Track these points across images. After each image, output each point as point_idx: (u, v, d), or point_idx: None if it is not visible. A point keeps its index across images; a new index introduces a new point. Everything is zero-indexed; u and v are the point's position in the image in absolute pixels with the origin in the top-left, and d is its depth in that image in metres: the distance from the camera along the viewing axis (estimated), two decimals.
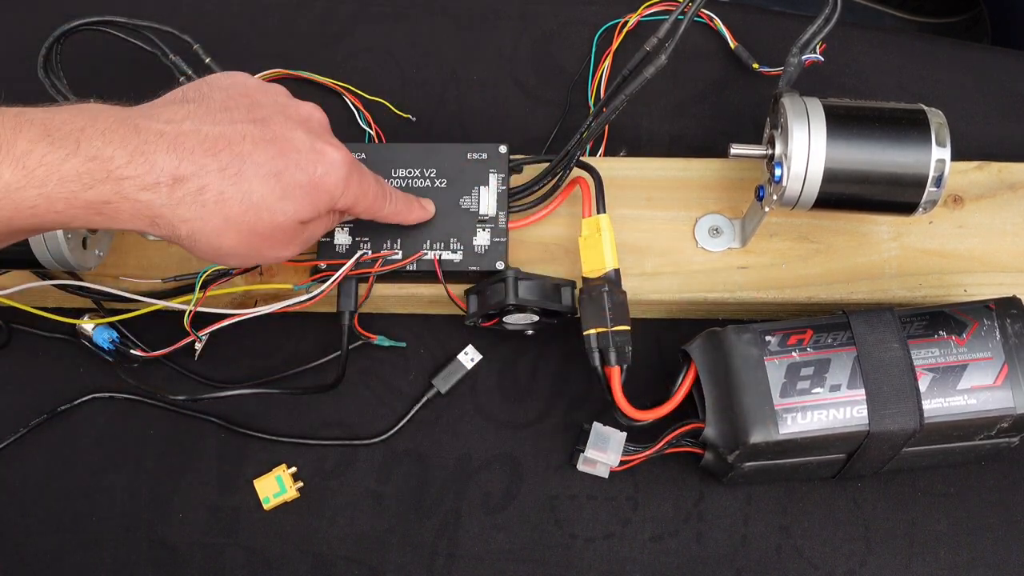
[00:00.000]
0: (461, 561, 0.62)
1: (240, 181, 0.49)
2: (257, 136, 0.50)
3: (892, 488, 0.63)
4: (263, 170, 0.49)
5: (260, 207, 0.50)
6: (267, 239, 0.51)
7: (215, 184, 0.48)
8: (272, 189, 0.50)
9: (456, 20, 0.78)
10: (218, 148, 0.49)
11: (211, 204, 0.48)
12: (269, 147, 0.50)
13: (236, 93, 0.52)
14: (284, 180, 0.50)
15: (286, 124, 0.52)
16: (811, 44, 0.63)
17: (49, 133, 0.45)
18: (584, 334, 0.59)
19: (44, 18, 0.76)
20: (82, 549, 0.63)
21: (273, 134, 0.51)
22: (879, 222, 0.66)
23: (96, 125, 0.46)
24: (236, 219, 0.50)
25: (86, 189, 0.46)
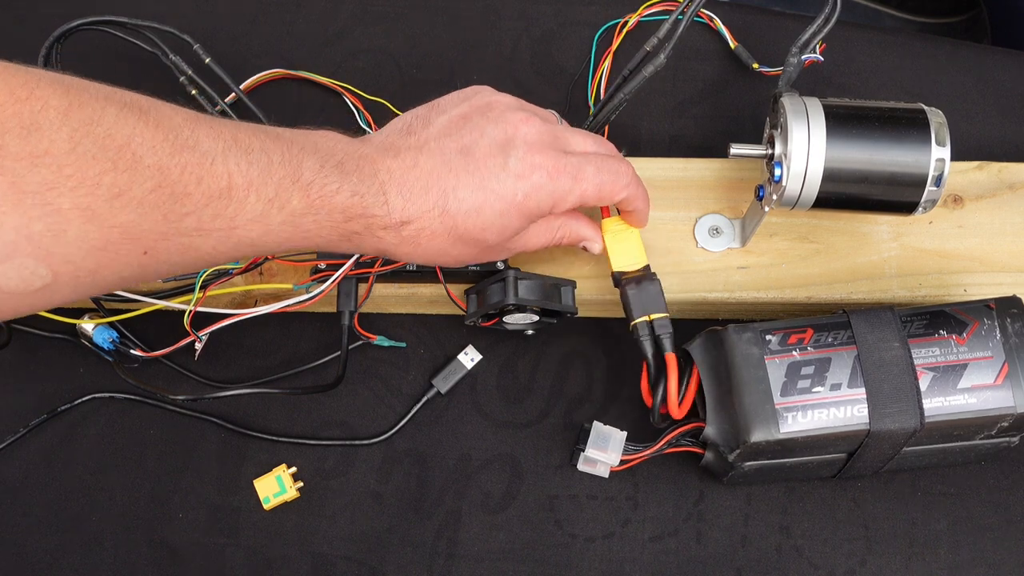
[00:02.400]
0: (461, 561, 0.62)
1: (445, 218, 0.52)
2: (460, 168, 0.52)
3: (892, 488, 0.63)
4: (465, 206, 0.52)
5: (467, 240, 0.53)
6: (477, 257, 0.55)
7: (428, 225, 0.52)
8: (475, 222, 0.52)
9: (456, 20, 0.78)
10: (430, 186, 0.51)
11: (425, 241, 0.52)
12: (471, 179, 0.52)
13: (457, 114, 0.54)
14: (484, 212, 0.52)
15: (490, 150, 0.53)
16: (811, 44, 0.63)
17: (323, 166, 0.49)
18: (635, 322, 0.59)
19: (44, 18, 0.76)
20: (82, 549, 0.63)
21: (475, 164, 0.52)
22: (879, 222, 0.66)
23: (349, 159, 0.50)
24: (445, 251, 0.53)
25: (347, 220, 0.50)
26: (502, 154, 0.53)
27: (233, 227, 0.46)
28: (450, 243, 0.53)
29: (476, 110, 0.54)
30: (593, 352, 0.66)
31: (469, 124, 0.54)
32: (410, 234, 0.51)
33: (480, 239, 0.53)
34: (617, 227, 0.62)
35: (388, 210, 0.50)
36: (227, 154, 0.46)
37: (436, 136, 0.53)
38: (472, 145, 0.53)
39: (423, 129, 0.54)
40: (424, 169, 0.52)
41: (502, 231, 0.53)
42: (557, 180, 0.53)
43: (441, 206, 0.51)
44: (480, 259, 0.56)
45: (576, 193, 0.54)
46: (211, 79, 0.68)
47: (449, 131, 0.53)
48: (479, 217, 0.52)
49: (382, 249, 0.52)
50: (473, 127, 0.54)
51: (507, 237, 0.54)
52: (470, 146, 0.53)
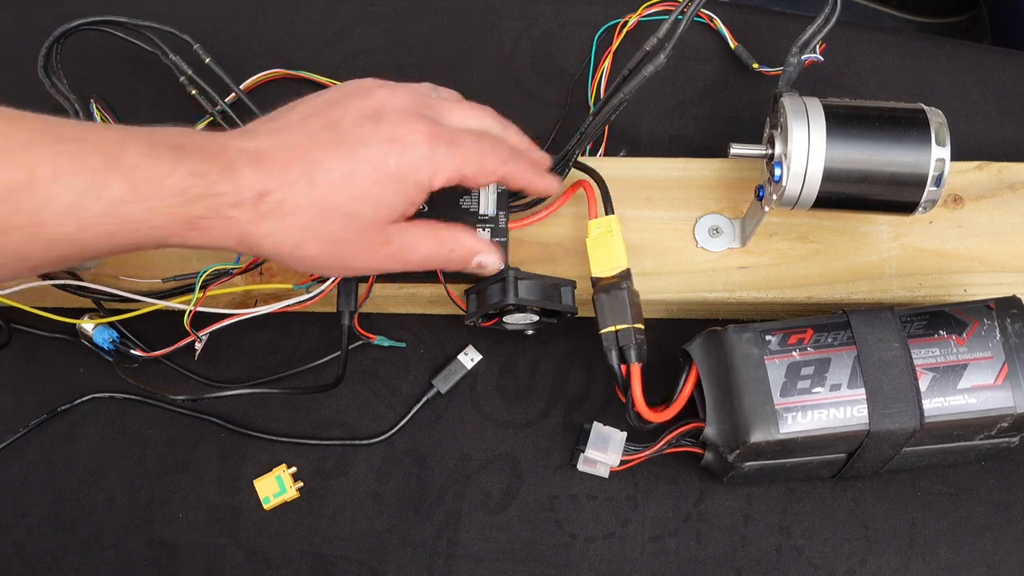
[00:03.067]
0: (461, 561, 0.62)
1: (312, 189, 0.48)
2: (327, 139, 0.49)
3: (892, 488, 0.63)
4: (334, 175, 0.49)
5: (335, 213, 0.49)
6: (350, 244, 0.50)
7: (291, 196, 0.48)
8: (347, 193, 0.49)
9: (456, 20, 0.78)
10: (293, 159, 0.48)
11: (288, 216, 0.48)
12: (339, 149, 0.49)
13: (323, 100, 0.52)
14: (357, 181, 0.49)
15: (357, 120, 0.50)
16: (811, 44, 0.63)
17: (154, 149, 0.46)
18: (602, 332, 0.59)
19: (44, 18, 0.76)
20: (82, 549, 0.63)
21: (342, 135, 0.50)
22: (879, 222, 0.66)
23: (192, 142, 0.47)
24: (313, 228, 0.49)
25: (185, 204, 0.46)
26: (372, 122, 0.50)
27: (40, 223, 0.43)
28: (319, 219, 0.48)
29: (342, 94, 0.52)
30: (593, 352, 0.66)
31: (335, 104, 0.51)
32: (269, 208, 0.48)
33: (353, 212, 0.49)
34: (598, 231, 0.62)
35: (236, 185, 0.47)
36: (30, 145, 0.43)
37: (299, 118, 0.51)
38: (339, 119, 0.50)
39: (286, 114, 0.51)
40: (285, 144, 0.49)
41: (377, 203, 0.49)
42: (434, 147, 0.50)
43: (307, 176, 0.48)
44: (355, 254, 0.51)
45: (454, 163, 0.51)
46: (211, 79, 0.68)
47: (314, 111, 0.51)
48: (351, 185, 0.49)
49: (238, 234, 0.48)
50: (338, 105, 0.51)
51: (383, 215, 0.50)
52: (338, 120, 0.50)
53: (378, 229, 0.50)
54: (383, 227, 0.50)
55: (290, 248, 0.49)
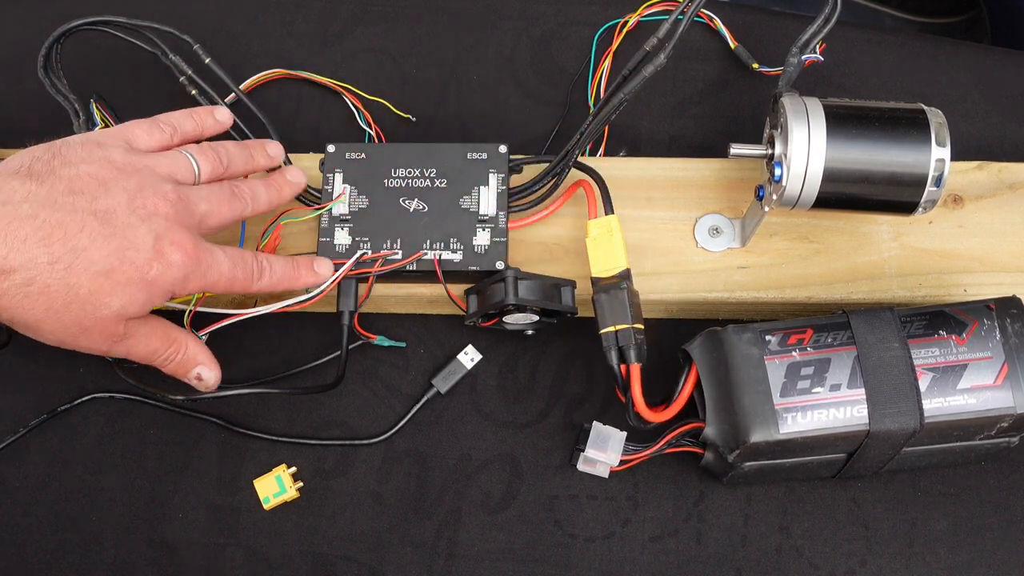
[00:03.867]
0: (461, 561, 0.62)
1: (69, 275, 0.49)
2: (96, 231, 0.50)
3: (892, 488, 0.63)
4: (95, 267, 0.49)
5: (85, 301, 0.50)
6: (88, 329, 0.51)
7: (43, 277, 0.48)
8: (101, 286, 0.50)
9: (456, 20, 0.78)
10: (53, 239, 0.48)
11: (36, 296, 0.48)
12: (106, 244, 0.50)
13: (86, 173, 0.51)
14: (115, 277, 0.50)
15: (129, 219, 0.51)
16: (811, 44, 0.63)
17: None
18: (602, 332, 0.59)
19: (44, 18, 0.76)
20: (82, 549, 0.63)
21: (112, 229, 0.50)
22: (879, 222, 0.66)
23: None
24: (59, 310, 0.50)
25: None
26: (143, 226, 0.51)
27: None
28: (66, 304, 0.49)
29: (112, 173, 0.52)
30: (593, 352, 0.66)
31: (107, 185, 0.51)
32: (14, 286, 0.48)
33: (102, 305, 0.50)
34: (598, 231, 0.62)
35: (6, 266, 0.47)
36: None
37: (65, 190, 0.50)
38: (110, 209, 0.51)
39: (47, 177, 0.50)
40: (47, 221, 0.49)
41: (128, 302, 0.51)
42: (192, 266, 0.53)
43: (67, 262, 0.48)
44: (89, 341, 0.52)
45: (206, 282, 0.54)
46: (211, 79, 0.68)
47: (81, 190, 0.51)
48: (107, 281, 0.50)
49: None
50: (111, 189, 0.51)
51: (126, 312, 0.51)
52: (108, 210, 0.50)
53: (119, 322, 0.52)
54: (124, 321, 0.52)
55: (27, 323, 0.50)
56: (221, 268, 0.55)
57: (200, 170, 0.57)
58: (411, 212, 0.64)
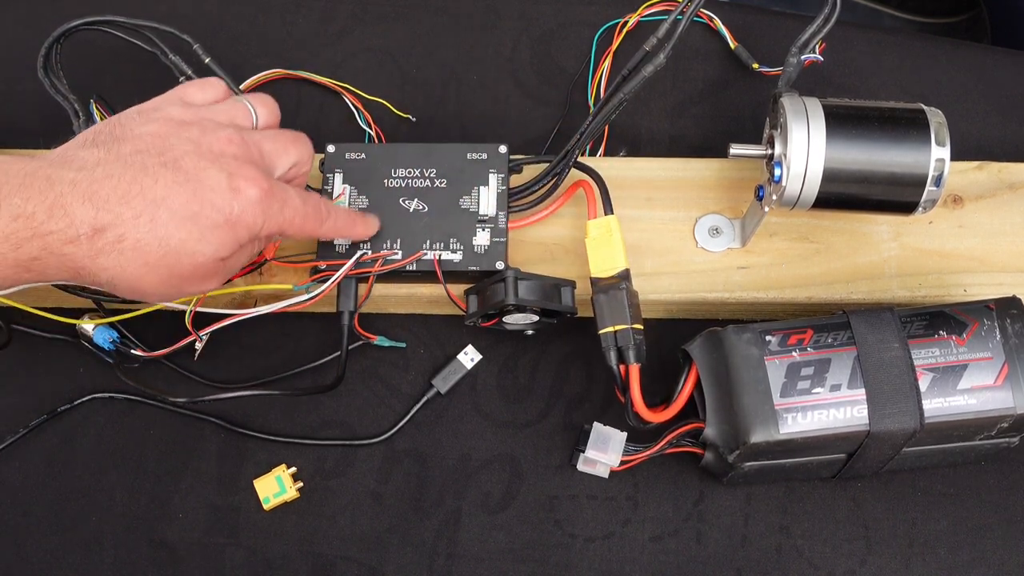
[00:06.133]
0: (461, 561, 0.62)
1: (156, 227, 0.49)
2: (170, 180, 0.50)
3: (892, 488, 0.63)
4: (179, 215, 0.49)
5: (179, 251, 0.50)
6: (188, 278, 0.52)
7: (132, 232, 0.48)
8: (190, 232, 0.50)
9: (456, 20, 0.78)
10: (132, 195, 0.49)
11: (129, 252, 0.49)
12: (182, 190, 0.50)
13: (147, 133, 0.52)
14: (200, 222, 0.50)
15: (199, 163, 0.51)
16: (811, 44, 0.63)
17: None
18: (600, 332, 0.59)
19: (44, 18, 0.77)
20: (82, 549, 0.63)
21: (186, 176, 0.50)
22: (879, 222, 0.66)
23: (11, 181, 0.47)
24: (155, 263, 0.50)
25: (14, 249, 0.47)
26: (214, 165, 0.51)
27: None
28: (162, 255, 0.50)
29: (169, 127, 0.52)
30: (593, 352, 0.66)
31: (170, 139, 0.52)
32: (107, 243, 0.48)
33: (195, 251, 0.50)
34: (597, 231, 0.62)
35: (70, 222, 0.47)
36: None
37: (132, 151, 0.51)
38: (179, 158, 0.51)
39: (113, 143, 0.51)
40: (123, 179, 0.49)
41: (217, 245, 0.51)
42: (268, 203, 0.52)
43: (150, 214, 0.49)
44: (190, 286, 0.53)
45: (282, 220, 0.54)
46: None
47: (147, 147, 0.51)
48: (194, 226, 0.50)
49: (73, 269, 0.49)
50: (170, 141, 0.52)
51: (220, 255, 0.52)
52: (177, 159, 0.51)
53: (213, 265, 0.52)
54: (217, 263, 0.52)
55: (129, 282, 0.50)
56: (295, 203, 0.55)
57: (258, 115, 0.57)
58: (411, 212, 0.64)
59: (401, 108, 0.74)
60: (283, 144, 0.56)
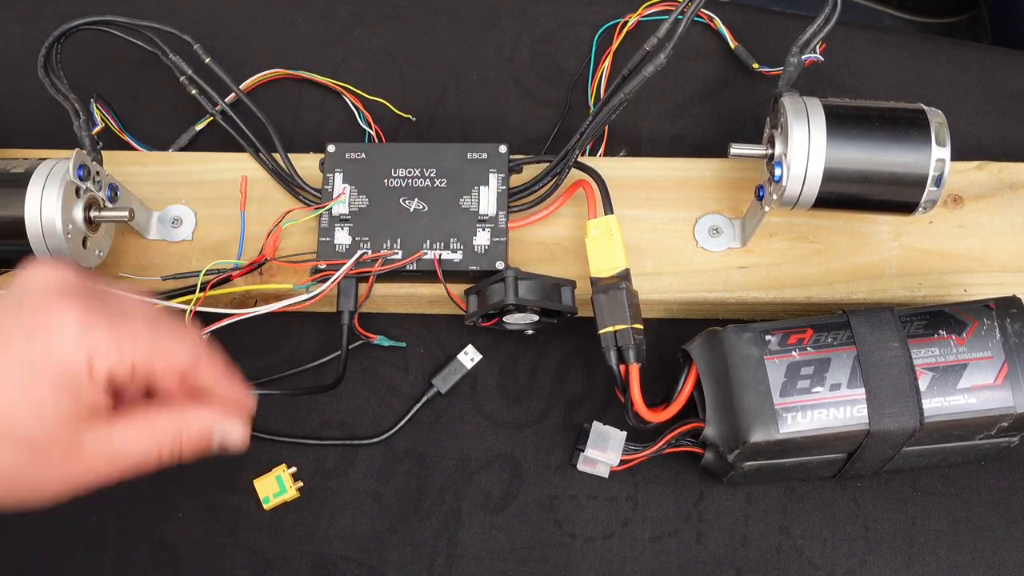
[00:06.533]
0: (461, 561, 0.62)
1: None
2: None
3: (892, 488, 0.63)
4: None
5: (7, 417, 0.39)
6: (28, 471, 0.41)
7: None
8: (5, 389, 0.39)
9: (456, 20, 0.78)
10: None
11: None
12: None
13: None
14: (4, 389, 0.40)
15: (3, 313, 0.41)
16: (811, 44, 0.63)
17: None
18: (600, 332, 0.59)
19: (44, 18, 0.77)
20: (82, 549, 0.63)
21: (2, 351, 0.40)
22: (879, 222, 0.66)
23: None
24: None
25: None
26: (16, 311, 0.41)
27: None
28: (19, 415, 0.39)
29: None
30: (593, 352, 0.66)
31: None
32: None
33: (14, 433, 0.40)
34: (597, 231, 0.62)
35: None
36: None
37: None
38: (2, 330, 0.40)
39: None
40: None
41: (39, 409, 0.40)
42: (88, 328, 0.40)
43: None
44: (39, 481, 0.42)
45: (116, 349, 0.41)
46: (211, 79, 0.68)
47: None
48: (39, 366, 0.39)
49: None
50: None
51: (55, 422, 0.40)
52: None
53: (58, 440, 0.41)
54: (65, 435, 0.41)
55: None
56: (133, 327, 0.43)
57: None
58: (411, 212, 0.64)
59: (401, 108, 0.74)
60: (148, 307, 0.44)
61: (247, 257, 0.65)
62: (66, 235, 0.58)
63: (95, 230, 0.61)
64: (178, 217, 0.67)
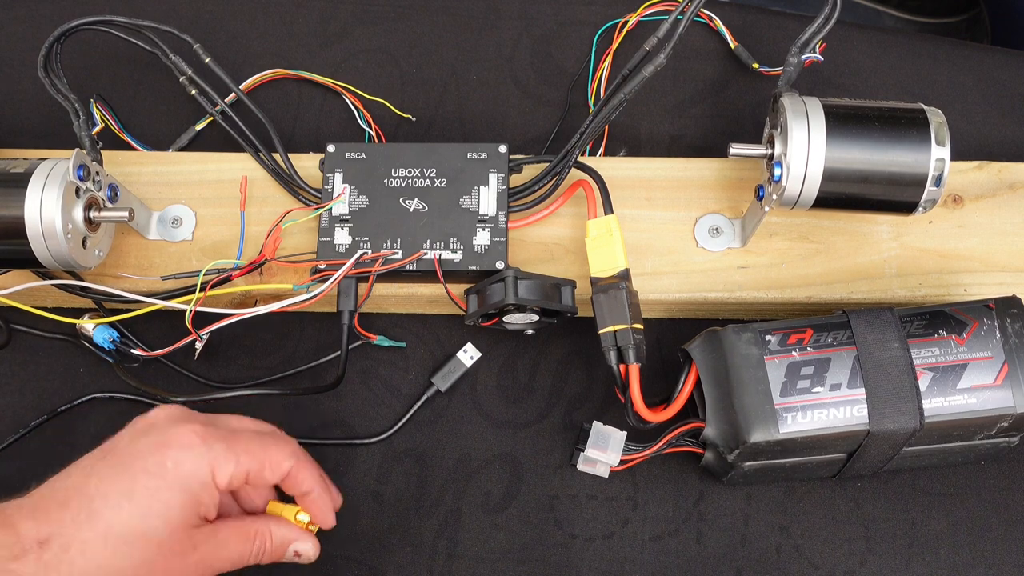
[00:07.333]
0: (461, 561, 0.62)
1: (95, 522, 0.46)
2: (103, 470, 0.48)
3: (892, 488, 0.63)
4: (112, 499, 0.47)
5: (125, 538, 0.46)
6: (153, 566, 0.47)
7: (75, 535, 0.46)
8: (129, 513, 0.47)
9: (456, 20, 0.78)
10: (69, 498, 0.47)
11: (78, 559, 0.46)
12: (114, 473, 0.48)
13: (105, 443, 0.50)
14: (138, 499, 0.47)
15: (132, 441, 0.49)
16: (811, 44, 0.63)
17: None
18: (600, 332, 0.59)
19: (44, 18, 0.77)
20: None
21: (118, 459, 0.48)
22: (879, 222, 0.66)
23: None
24: (108, 561, 0.46)
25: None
26: (144, 436, 0.49)
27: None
28: (111, 550, 0.46)
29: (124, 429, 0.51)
30: (593, 352, 0.66)
31: (113, 437, 0.51)
32: (54, 555, 0.45)
33: (144, 531, 0.47)
34: (597, 231, 0.62)
35: (17, 538, 0.45)
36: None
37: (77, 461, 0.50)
38: (114, 445, 0.49)
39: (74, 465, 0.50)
40: (60, 487, 0.47)
41: (166, 514, 0.47)
42: (209, 444, 0.49)
43: (87, 509, 0.46)
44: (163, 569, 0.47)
45: (235, 457, 0.50)
46: (211, 79, 0.68)
47: (93, 451, 0.50)
48: (132, 504, 0.47)
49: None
50: (115, 436, 0.51)
51: (177, 525, 0.48)
52: (112, 447, 0.49)
53: (178, 540, 0.48)
54: (184, 536, 0.48)
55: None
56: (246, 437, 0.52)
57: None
58: (411, 212, 0.64)
59: (401, 108, 0.74)
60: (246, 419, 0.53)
61: (247, 257, 0.65)
62: (66, 235, 0.58)
63: (95, 230, 0.61)
64: (178, 217, 0.67)
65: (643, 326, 0.60)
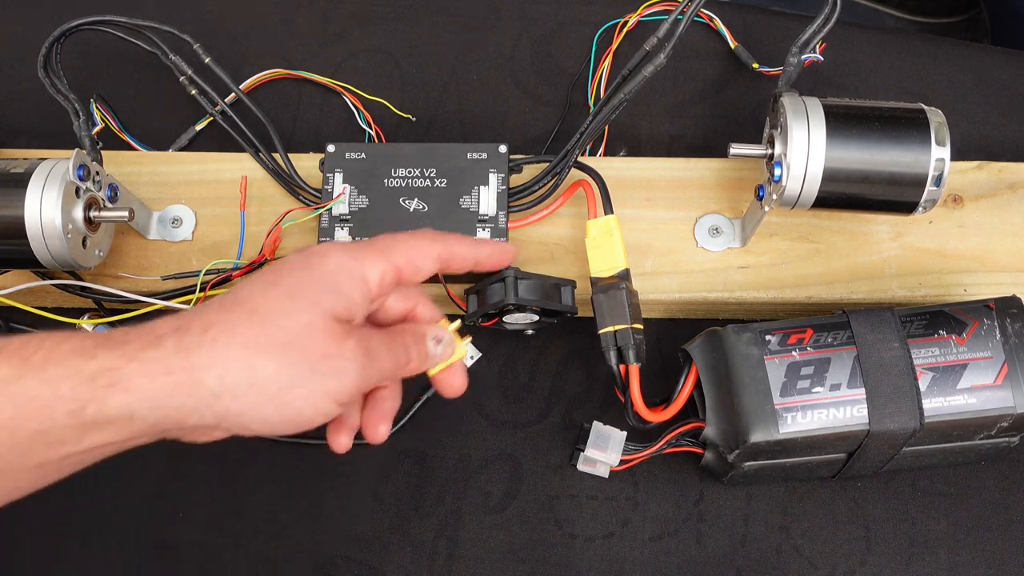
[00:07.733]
0: (461, 561, 0.62)
1: (240, 307, 0.43)
2: (254, 278, 0.46)
3: (892, 488, 0.63)
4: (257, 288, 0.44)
5: (274, 312, 0.43)
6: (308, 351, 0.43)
7: (215, 317, 0.43)
8: (277, 294, 0.44)
9: (456, 20, 0.78)
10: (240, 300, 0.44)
11: (221, 336, 0.42)
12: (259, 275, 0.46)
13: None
14: (284, 285, 0.44)
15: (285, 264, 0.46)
16: (811, 44, 0.63)
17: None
18: (600, 332, 0.59)
19: (44, 18, 0.77)
20: (83, 549, 0.63)
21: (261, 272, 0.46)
22: (879, 222, 0.66)
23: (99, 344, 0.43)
24: (254, 341, 0.42)
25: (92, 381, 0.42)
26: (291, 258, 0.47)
27: None
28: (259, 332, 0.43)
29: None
30: (593, 352, 0.66)
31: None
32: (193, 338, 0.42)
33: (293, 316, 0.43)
34: (597, 231, 0.62)
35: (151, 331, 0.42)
36: None
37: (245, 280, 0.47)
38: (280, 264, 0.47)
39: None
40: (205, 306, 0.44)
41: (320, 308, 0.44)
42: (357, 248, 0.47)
43: (231, 298, 0.44)
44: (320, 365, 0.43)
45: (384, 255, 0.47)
46: (211, 79, 0.68)
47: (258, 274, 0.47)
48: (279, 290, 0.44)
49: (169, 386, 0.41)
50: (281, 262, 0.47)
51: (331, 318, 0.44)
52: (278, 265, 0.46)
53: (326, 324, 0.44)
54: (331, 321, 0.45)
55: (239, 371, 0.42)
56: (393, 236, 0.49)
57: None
58: (411, 212, 0.64)
59: (401, 108, 0.74)
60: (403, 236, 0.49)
61: (247, 257, 0.65)
62: (66, 235, 0.58)
63: (95, 230, 0.61)
64: (178, 217, 0.67)
65: (643, 326, 0.60)
